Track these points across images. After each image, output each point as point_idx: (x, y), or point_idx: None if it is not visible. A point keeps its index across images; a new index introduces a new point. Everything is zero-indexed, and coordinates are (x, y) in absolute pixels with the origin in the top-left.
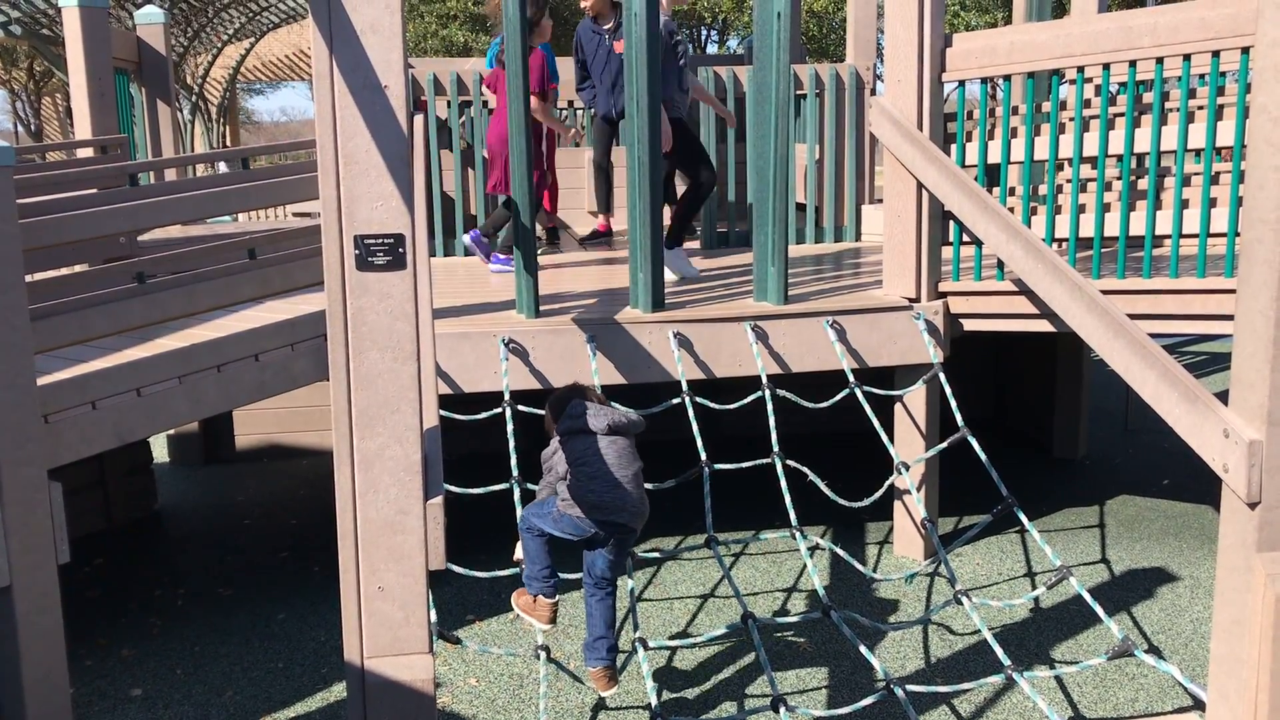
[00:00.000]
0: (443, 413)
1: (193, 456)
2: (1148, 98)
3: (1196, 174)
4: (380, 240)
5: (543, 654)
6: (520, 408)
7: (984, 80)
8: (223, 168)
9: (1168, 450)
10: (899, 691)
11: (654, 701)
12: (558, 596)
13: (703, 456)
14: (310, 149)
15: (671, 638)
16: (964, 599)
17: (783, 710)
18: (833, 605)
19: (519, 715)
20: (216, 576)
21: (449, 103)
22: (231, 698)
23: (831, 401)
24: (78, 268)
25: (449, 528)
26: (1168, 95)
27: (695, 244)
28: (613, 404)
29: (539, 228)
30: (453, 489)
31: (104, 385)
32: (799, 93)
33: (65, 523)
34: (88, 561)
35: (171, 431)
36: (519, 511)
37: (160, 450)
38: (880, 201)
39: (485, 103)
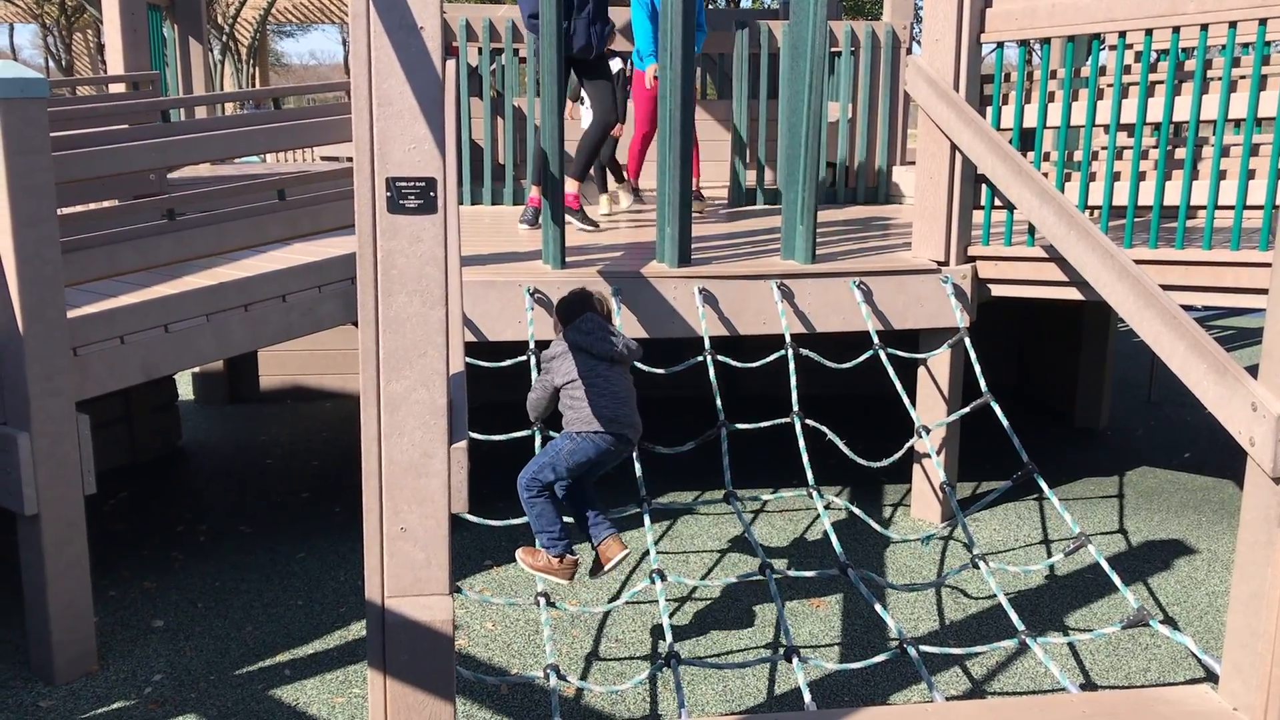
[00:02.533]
0: (467, 360)
1: (217, 395)
2: (1189, 65)
3: (1236, 145)
4: (412, 183)
5: (542, 600)
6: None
7: (1022, 43)
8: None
9: (1190, 423)
10: (912, 651)
11: (669, 640)
12: (577, 554)
13: (721, 415)
14: (338, 91)
15: (688, 590)
16: (981, 563)
17: (795, 661)
18: (850, 564)
19: (534, 660)
20: (238, 514)
21: (480, 49)
22: (251, 633)
23: (855, 363)
24: (106, 204)
25: (470, 474)
26: (1210, 63)
27: (723, 203)
28: (614, 322)
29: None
30: (475, 435)
31: (132, 320)
32: (834, 50)
33: (92, 455)
34: (112, 495)
35: (196, 370)
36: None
37: (185, 388)
38: (911, 163)
39: (516, 50)
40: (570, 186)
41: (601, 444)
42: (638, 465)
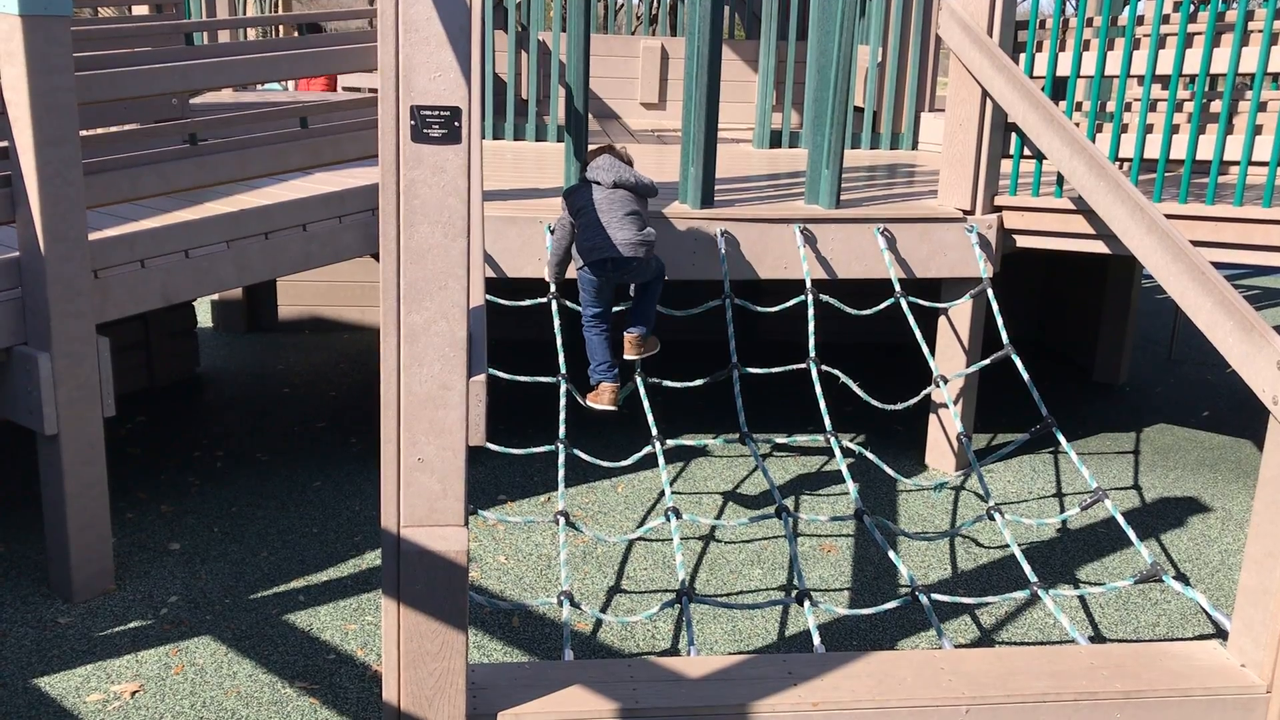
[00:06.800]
0: (486, 296)
1: (235, 323)
2: (1230, 16)
3: (1274, 99)
4: (437, 112)
5: (561, 519)
6: (566, 303)
7: None
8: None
9: (1209, 382)
10: (923, 599)
11: (683, 576)
12: (616, 384)
13: (734, 357)
14: (361, 18)
15: (700, 530)
16: (997, 515)
17: (807, 604)
18: (866, 510)
19: (545, 593)
20: (255, 441)
21: None
22: (266, 558)
23: (875, 310)
24: (127, 127)
25: (488, 409)
26: (1251, 15)
27: (748, 145)
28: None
29: None
30: (499, 373)
31: (153, 244)
32: None
33: (111, 377)
34: (130, 419)
35: (215, 297)
36: (562, 401)
37: (204, 316)
38: (940, 110)
39: None
40: None
41: (592, 274)
42: (646, 404)
